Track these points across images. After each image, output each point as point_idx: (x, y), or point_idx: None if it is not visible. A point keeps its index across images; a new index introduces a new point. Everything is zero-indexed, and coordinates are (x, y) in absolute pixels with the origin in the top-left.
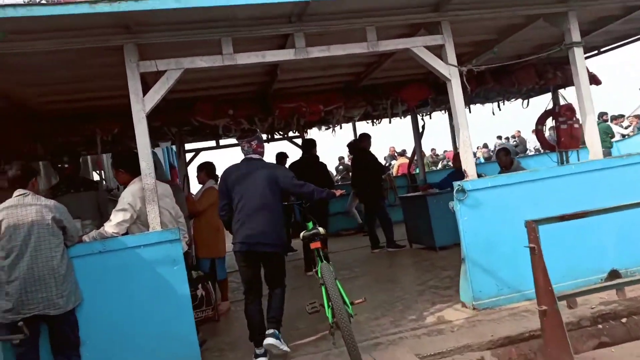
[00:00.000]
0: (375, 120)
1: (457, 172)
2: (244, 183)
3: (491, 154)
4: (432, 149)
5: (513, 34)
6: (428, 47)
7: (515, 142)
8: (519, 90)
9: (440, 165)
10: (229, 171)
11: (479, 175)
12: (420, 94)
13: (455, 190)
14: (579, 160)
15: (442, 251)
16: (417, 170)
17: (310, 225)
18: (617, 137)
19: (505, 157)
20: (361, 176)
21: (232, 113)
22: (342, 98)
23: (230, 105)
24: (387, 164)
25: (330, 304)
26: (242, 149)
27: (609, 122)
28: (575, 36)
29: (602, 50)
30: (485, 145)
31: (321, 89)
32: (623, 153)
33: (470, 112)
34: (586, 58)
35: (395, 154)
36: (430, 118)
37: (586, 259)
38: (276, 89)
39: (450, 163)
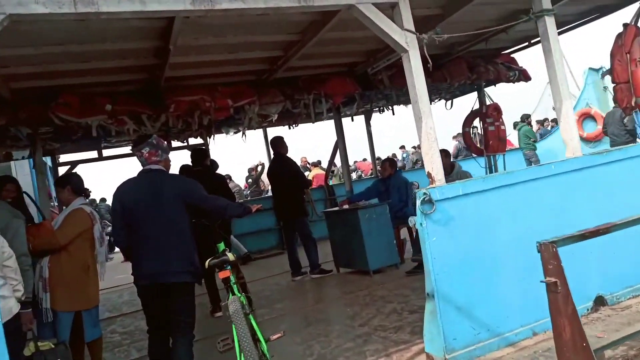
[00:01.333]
0: (292, 124)
1: (381, 182)
2: (142, 204)
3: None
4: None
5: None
6: (378, 6)
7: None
8: (450, 85)
9: (354, 176)
10: (124, 188)
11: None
12: (346, 88)
13: (420, 201)
14: (505, 165)
15: (377, 275)
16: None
17: (220, 248)
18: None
19: (445, 159)
20: (279, 187)
21: (110, 109)
22: (256, 92)
23: (107, 99)
24: None
25: (239, 341)
26: (138, 160)
27: (530, 126)
28: (546, 3)
29: (572, 25)
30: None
31: (229, 80)
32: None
33: (393, 113)
34: (516, 51)
35: (308, 165)
36: (352, 120)
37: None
38: (170, 78)
39: (363, 174)
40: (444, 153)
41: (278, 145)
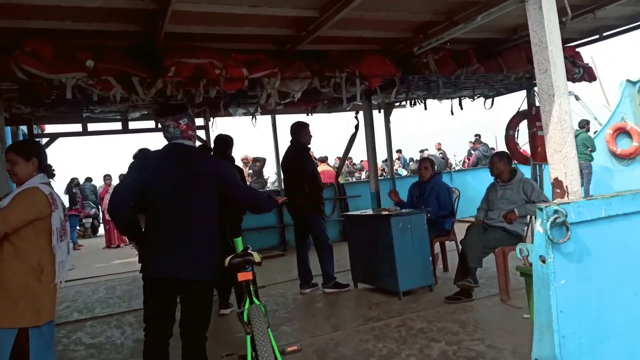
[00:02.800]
0: (311, 110)
1: (416, 186)
2: (169, 182)
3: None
4: (337, 157)
5: None
6: None
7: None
8: (506, 76)
9: (363, 176)
10: (148, 159)
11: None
12: (386, 69)
13: (548, 223)
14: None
15: (407, 297)
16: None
17: (239, 244)
18: None
19: (506, 164)
20: (294, 181)
21: (91, 65)
22: (277, 63)
23: (89, 53)
24: None
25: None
26: (166, 131)
27: (590, 133)
28: None
29: (604, 35)
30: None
31: (244, 47)
32: None
33: (426, 108)
34: (583, 44)
35: (315, 160)
36: (380, 112)
37: None
38: (171, 35)
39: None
40: (506, 156)
41: (300, 132)
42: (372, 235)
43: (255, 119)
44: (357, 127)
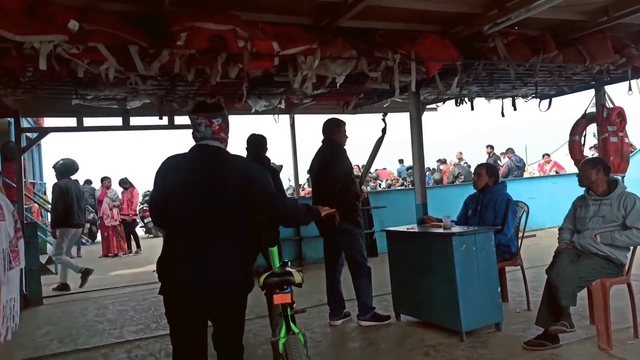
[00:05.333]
0: (345, 104)
1: (472, 198)
2: (193, 187)
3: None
4: (356, 165)
5: None
6: None
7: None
8: (588, 68)
9: (383, 184)
10: (172, 162)
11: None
12: (446, 52)
13: None
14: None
15: (470, 338)
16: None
17: (275, 255)
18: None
19: (603, 174)
20: (324, 188)
21: (75, 27)
22: (315, 37)
23: (74, 12)
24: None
25: None
26: (196, 130)
27: None
28: None
29: None
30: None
31: (274, 20)
32: None
33: (472, 108)
34: None
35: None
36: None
37: None
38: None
39: (383, 183)
40: (601, 164)
41: (335, 130)
42: (424, 257)
43: (278, 115)
44: (384, 130)
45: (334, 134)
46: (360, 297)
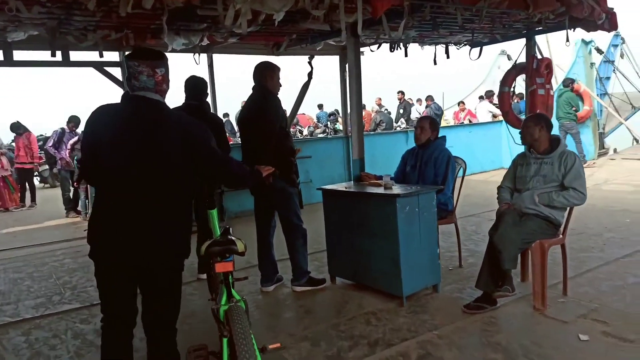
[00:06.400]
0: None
1: (411, 154)
2: (126, 145)
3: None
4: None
5: None
6: None
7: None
8: (529, 17)
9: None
10: (101, 115)
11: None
12: None
13: None
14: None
15: (409, 302)
16: None
17: (216, 223)
18: (488, 117)
19: (546, 131)
20: (256, 142)
21: None
22: None
23: None
24: None
25: None
26: (135, 79)
27: (570, 90)
28: None
29: None
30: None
31: None
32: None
33: (406, 55)
34: None
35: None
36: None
37: None
38: None
39: (305, 130)
40: (544, 120)
41: (267, 75)
42: (363, 219)
43: (199, 55)
44: (310, 74)
45: (266, 80)
46: (295, 261)
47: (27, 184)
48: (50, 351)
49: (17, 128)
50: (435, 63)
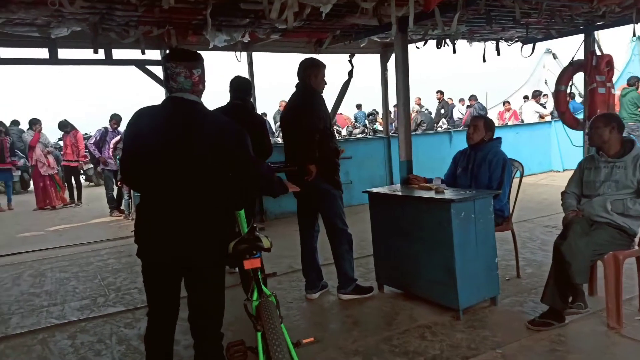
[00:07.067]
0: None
1: (463, 155)
2: (164, 147)
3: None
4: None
5: None
6: None
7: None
8: (592, 9)
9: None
10: (139, 118)
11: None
12: None
13: None
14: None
15: (466, 316)
16: None
17: (242, 218)
18: (535, 118)
19: (610, 132)
20: (299, 142)
21: None
22: None
23: None
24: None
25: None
26: (173, 80)
27: (635, 90)
28: None
29: None
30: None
31: None
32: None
33: (455, 51)
34: None
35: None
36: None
37: None
38: None
39: (344, 130)
40: (615, 121)
41: (312, 73)
42: (414, 224)
43: (241, 53)
44: (350, 73)
45: (310, 78)
46: (340, 267)
47: (73, 182)
48: (96, 357)
49: (65, 126)
50: (484, 60)
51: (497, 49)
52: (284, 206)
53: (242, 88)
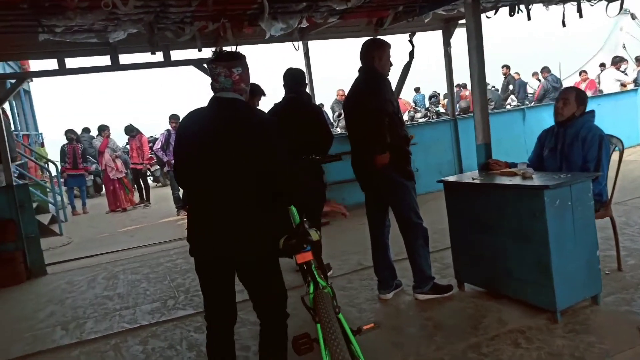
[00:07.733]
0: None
1: (550, 133)
2: (208, 148)
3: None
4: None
5: None
6: None
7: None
8: None
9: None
10: (187, 120)
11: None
12: None
13: None
14: None
15: (565, 318)
16: None
17: (295, 212)
18: (616, 87)
19: None
20: (366, 129)
21: None
22: None
23: None
24: (337, 116)
25: (327, 349)
26: (215, 80)
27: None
28: None
29: None
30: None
31: None
32: None
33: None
34: None
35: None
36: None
37: None
38: None
39: (405, 115)
40: None
41: (375, 55)
42: (499, 216)
43: (298, 42)
44: (412, 53)
45: (374, 60)
46: (416, 264)
47: (141, 184)
48: None
49: (130, 131)
50: (564, 25)
51: (579, 10)
52: (347, 198)
53: (295, 80)
